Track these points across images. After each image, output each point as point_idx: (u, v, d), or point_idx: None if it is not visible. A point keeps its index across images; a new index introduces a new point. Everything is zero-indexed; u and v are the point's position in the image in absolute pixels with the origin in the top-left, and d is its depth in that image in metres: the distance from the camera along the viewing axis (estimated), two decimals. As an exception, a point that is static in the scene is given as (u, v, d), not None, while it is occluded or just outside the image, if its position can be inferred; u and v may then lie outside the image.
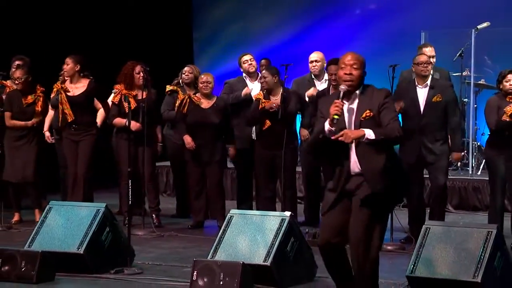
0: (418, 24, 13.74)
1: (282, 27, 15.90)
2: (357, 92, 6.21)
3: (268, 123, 10.18)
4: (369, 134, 6.02)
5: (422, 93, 9.34)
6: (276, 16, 16.03)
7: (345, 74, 6.16)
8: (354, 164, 6.17)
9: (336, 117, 6.00)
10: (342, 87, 6.13)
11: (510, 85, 9.30)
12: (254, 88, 10.97)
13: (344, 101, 6.16)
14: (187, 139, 10.42)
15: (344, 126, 6.13)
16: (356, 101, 6.20)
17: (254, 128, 10.55)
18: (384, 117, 6.13)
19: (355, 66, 6.17)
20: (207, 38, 16.88)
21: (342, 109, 6.07)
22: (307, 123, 10.30)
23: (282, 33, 15.80)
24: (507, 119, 9.25)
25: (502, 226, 9.36)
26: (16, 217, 10.78)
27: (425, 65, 9.35)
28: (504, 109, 9.28)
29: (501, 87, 9.42)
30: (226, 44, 16.35)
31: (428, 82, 9.38)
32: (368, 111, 6.13)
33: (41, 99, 10.71)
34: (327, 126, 6.07)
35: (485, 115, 9.60)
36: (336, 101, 6.05)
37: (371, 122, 6.12)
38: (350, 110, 6.19)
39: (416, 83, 9.40)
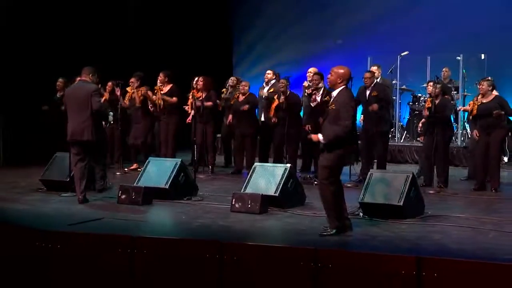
0: (366, 51, 13.32)
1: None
2: (334, 92, 5.96)
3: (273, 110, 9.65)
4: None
5: (368, 92, 9.22)
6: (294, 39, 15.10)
7: (329, 82, 6.05)
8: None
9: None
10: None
11: (428, 90, 8.87)
12: (265, 89, 10.46)
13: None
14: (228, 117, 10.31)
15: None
16: (333, 96, 5.96)
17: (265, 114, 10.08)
18: (339, 117, 5.81)
19: (332, 78, 5.95)
20: (244, 52, 15.84)
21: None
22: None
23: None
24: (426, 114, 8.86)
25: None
26: (133, 166, 10.31)
27: (365, 79, 9.22)
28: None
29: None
30: (258, 56, 15.44)
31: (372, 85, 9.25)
32: (333, 104, 5.84)
33: (140, 95, 10.18)
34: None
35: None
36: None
37: (334, 112, 5.82)
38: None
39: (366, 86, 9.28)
